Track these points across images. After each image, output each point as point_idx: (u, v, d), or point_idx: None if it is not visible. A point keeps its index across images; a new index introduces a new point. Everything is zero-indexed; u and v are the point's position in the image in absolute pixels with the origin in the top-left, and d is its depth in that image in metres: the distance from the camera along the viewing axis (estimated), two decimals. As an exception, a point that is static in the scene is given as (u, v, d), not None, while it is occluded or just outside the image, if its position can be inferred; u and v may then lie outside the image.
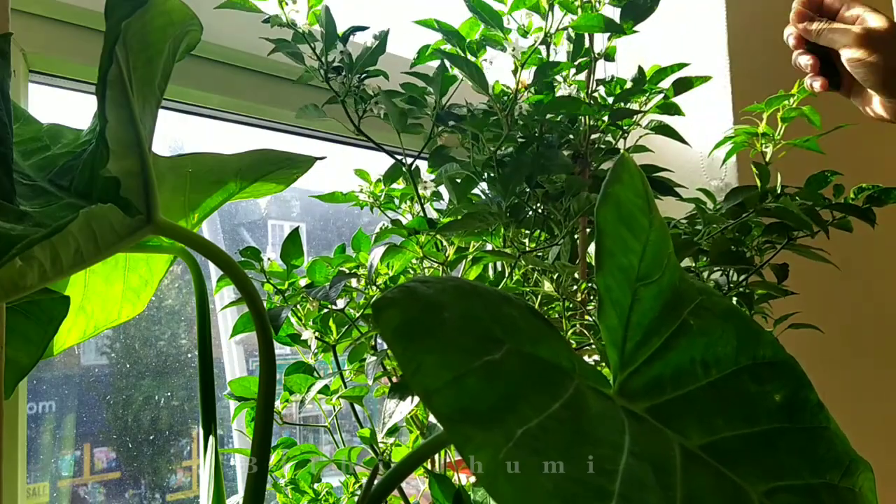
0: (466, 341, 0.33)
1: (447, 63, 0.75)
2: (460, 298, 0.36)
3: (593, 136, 0.81)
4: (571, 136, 0.81)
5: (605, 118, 0.81)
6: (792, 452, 0.40)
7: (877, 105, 0.74)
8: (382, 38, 0.72)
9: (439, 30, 0.74)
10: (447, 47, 0.76)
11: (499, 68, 0.77)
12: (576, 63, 0.79)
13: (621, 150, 0.85)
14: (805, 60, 0.75)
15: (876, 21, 0.70)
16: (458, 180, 0.78)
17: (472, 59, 0.74)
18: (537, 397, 0.33)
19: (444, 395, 0.30)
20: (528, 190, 0.77)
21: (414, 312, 0.33)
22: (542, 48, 0.75)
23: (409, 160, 0.78)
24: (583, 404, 0.34)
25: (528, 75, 0.74)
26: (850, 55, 0.71)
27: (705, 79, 0.82)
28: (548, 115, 0.79)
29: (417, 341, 0.32)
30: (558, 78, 0.81)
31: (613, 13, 0.75)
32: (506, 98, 0.74)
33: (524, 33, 0.74)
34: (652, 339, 0.42)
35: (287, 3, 0.70)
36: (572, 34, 0.76)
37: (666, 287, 0.43)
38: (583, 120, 0.80)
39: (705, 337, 0.43)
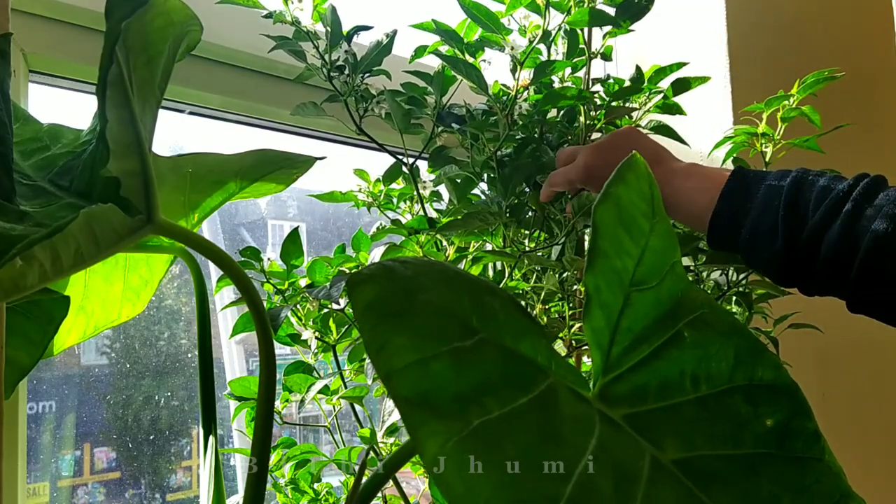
0: (438, 326, 0.32)
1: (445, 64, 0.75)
2: (441, 282, 0.34)
3: (592, 136, 0.81)
4: (570, 137, 0.81)
5: (602, 117, 0.81)
6: (775, 480, 0.38)
7: None
8: (390, 38, 0.72)
9: (437, 31, 0.74)
10: (445, 49, 0.76)
11: (497, 67, 0.77)
12: (573, 61, 0.79)
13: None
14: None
15: (584, 155, 0.71)
16: (459, 180, 0.78)
17: (471, 60, 0.74)
18: (505, 390, 0.31)
19: (406, 377, 0.29)
20: (527, 190, 0.77)
21: (388, 291, 0.32)
22: (542, 47, 0.75)
23: (410, 160, 0.78)
24: (553, 403, 0.33)
25: (527, 75, 0.74)
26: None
27: (703, 80, 0.82)
28: (547, 115, 0.79)
29: (387, 320, 0.30)
30: (555, 78, 0.81)
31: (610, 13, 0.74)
32: (505, 98, 0.74)
33: (524, 33, 0.74)
34: (641, 346, 0.41)
35: (292, 1, 0.70)
36: (567, 28, 0.76)
37: (665, 296, 0.42)
38: (581, 119, 0.80)
39: (700, 350, 0.42)
